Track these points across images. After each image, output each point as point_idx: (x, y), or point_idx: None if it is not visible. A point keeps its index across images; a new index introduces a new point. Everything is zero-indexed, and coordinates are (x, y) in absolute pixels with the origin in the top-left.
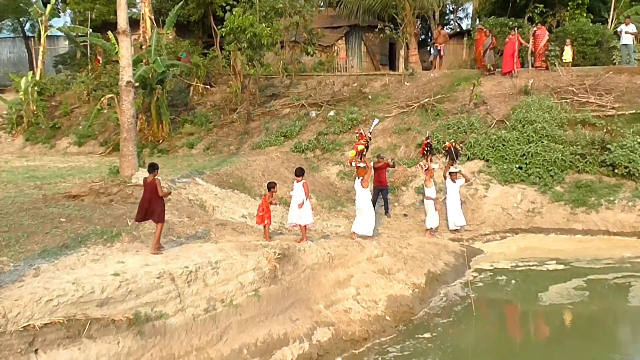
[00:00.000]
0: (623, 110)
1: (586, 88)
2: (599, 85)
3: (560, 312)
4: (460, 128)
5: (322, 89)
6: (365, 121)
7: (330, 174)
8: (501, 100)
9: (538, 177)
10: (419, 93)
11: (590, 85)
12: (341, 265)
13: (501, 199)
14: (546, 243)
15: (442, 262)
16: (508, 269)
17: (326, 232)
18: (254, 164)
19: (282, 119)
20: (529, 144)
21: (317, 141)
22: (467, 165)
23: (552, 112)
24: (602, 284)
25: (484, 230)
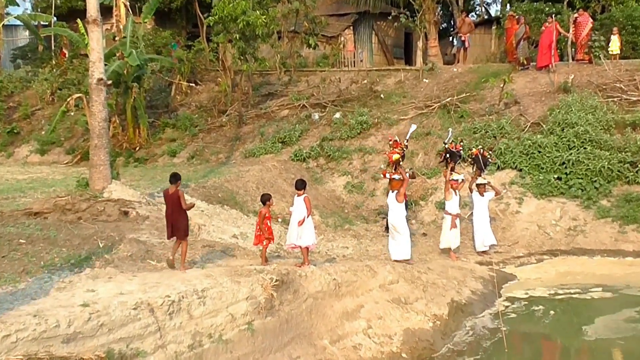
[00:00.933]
0: None
1: (637, 84)
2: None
3: (609, 349)
4: (488, 132)
5: (327, 87)
6: (376, 124)
7: (337, 187)
8: (536, 99)
9: (580, 190)
10: (439, 91)
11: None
12: (349, 293)
13: (537, 215)
14: (591, 267)
15: (468, 289)
16: (546, 298)
17: (332, 254)
18: (246, 175)
19: (280, 122)
20: (570, 150)
21: (320, 148)
22: (496, 176)
23: (597, 113)
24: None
25: (516, 252)
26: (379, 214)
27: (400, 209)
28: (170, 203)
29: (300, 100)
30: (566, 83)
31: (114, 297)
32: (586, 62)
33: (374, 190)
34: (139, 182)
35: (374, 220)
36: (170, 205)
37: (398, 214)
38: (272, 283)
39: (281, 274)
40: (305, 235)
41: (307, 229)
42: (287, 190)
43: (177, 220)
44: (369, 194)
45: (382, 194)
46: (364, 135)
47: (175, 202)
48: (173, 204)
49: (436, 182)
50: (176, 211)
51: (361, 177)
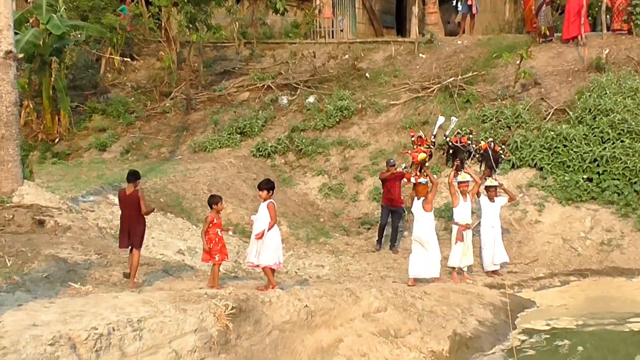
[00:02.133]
0: None
1: None
2: None
3: None
4: (501, 121)
5: (298, 64)
6: (360, 111)
7: (310, 190)
8: (562, 79)
9: (616, 194)
10: (440, 69)
11: None
12: (325, 324)
13: (562, 225)
14: (629, 291)
15: (475, 319)
16: (573, 330)
17: (303, 275)
18: (196, 175)
19: (239, 107)
20: (603, 144)
21: (289, 141)
22: (511, 176)
23: (638, 98)
24: None
25: (536, 272)
26: (363, 223)
27: (429, 220)
28: (128, 206)
29: (264, 80)
30: (599, 59)
31: (24, 330)
32: (625, 33)
33: (356, 194)
34: (59, 184)
35: (357, 231)
36: (127, 209)
37: (426, 226)
38: (228, 311)
39: (239, 299)
40: (266, 252)
41: (268, 244)
42: (248, 194)
43: (135, 227)
44: (351, 198)
45: (368, 199)
46: (345, 125)
47: (134, 205)
48: (131, 206)
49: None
50: (134, 216)
51: (341, 178)
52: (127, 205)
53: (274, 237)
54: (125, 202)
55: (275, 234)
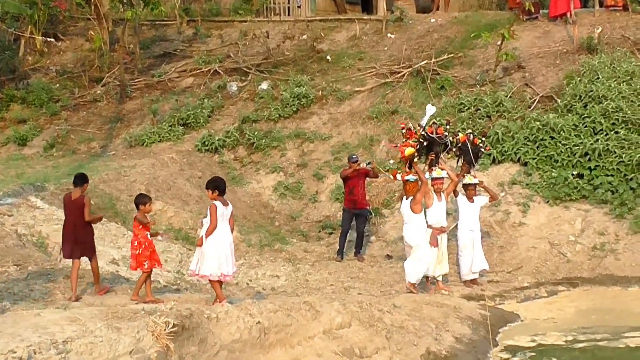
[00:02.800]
0: None
1: None
2: None
3: None
4: (480, 110)
5: (249, 45)
6: (321, 99)
7: (263, 189)
8: (548, 62)
9: (610, 192)
10: (411, 51)
11: None
12: (281, 343)
13: (549, 228)
14: (625, 302)
15: (451, 335)
16: (562, 347)
17: (256, 286)
18: (132, 173)
19: (181, 95)
20: (595, 135)
21: (239, 133)
22: (491, 172)
23: (635, 83)
24: None
25: (520, 281)
26: (323, 227)
27: (418, 222)
28: (73, 212)
29: (210, 64)
30: (591, 39)
31: None
32: (619, 9)
33: (316, 194)
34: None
35: (317, 236)
36: (72, 215)
37: (414, 229)
38: (168, 329)
39: (181, 316)
40: (206, 261)
41: (207, 252)
42: (192, 195)
43: (82, 235)
44: (310, 199)
45: (329, 199)
46: (303, 115)
47: (80, 211)
48: (77, 213)
49: None
50: (80, 223)
51: (299, 175)
52: (72, 211)
53: (213, 244)
54: (70, 208)
55: (216, 240)
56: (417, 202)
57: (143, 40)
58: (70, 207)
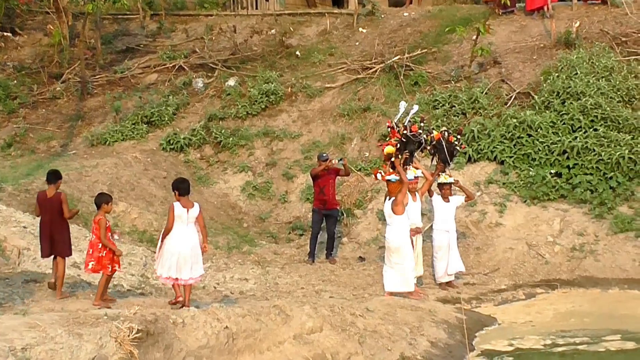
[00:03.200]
0: None
1: None
2: None
3: None
4: (455, 107)
5: (215, 40)
6: (290, 96)
7: (231, 189)
8: (525, 58)
9: (589, 191)
10: (383, 46)
11: None
12: (250, 348)
13: (526, 228)
14: (605, 304)
15: (426, 339)
16: (540, 351)
17: (223, 290)
18: (94, 173)
19: (145, 92)
20: (574, 133)
21: (206, 131)
22: (467, 171)
23: (614, 78)
24: None
25: (497, 284)
26: (294, 229)
27: (399, 223)
28: (49, 210)
29: (175, 60)
30: (569, 33)
31: None
32: (598, 2)
33: (286, 194)
34: None
35: (287, 238)
36: (48, 213)
37: (395, 231)
38: (132, 335)
39: (146, 321)
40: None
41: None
42: (156, 195)
43: (59, 232)
44: (279, 199)
45: (299, 199)
46: (272, 112)
47: (56, 209)
48: (52, 211)
49: (378, 181)
50: (57, 220)
51: (267, 175)
52: (48, 209)
53: (165, 246)
54: (46, 206)
55: (171, 242)
56: (398, 203)
57: (105, 35)
58: (46, 205)
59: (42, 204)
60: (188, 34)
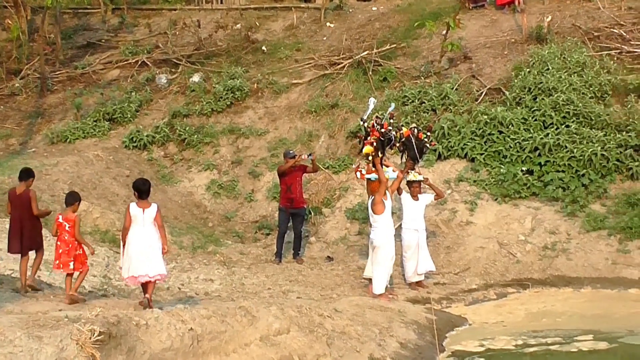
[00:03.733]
0: None
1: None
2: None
3: None
4: (425, 103)
5: (179, 35)
6: (256, 92)
7: (195, 188)
8: (496, 53)
9: (561, 188)
10: (351, 41)
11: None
12: (215, 350)
13: (498, 227)
14: (577, 304)
15: (396, 340)
16: (511, 351)
17: (188, 291)
18: (54, 172)
19: (107, 88)
20: (545, 129)
21: (170, 129)
22: (437, 169)
23: (586, 74)
24: None
25: (467, 283)
26: (260, 228)
27: (382, 222)
28: (18, 206)
29: (137, 55)
30: (540, 28)
31: None
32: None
33: (252, 193)
34: None
35: (253, 238)
36: (17, 210)
37: (379, 230)
38: (94, 338)
39: (108, 323)
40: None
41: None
42: (119, 194)
43: (30, 229)
44: (245, 198)
45: (266, 198)
46: (238, 109)
47: (25, 206)
48: (22, 207)
49: (347, 179)
50: (27, 217)
51: (233, 173)
52: (17, 206)
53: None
54: (15, 203)
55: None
56: (377, 203)
57: (65, 30)
58: (15, 202)
59: (13, 200)
60: (151, 28)
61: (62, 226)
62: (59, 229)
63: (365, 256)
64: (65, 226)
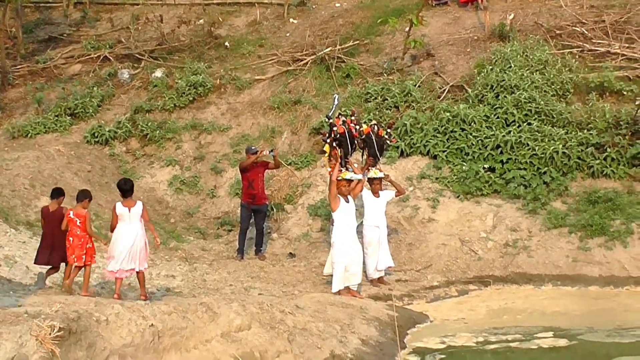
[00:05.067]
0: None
1: (606, 28)
2: (628, 23)
3: None
4: (387, 100)
5: (142, 30)
6: (219, 88)
7: (157, 184)
8: (459, 50)
9: (523, 186)
10: (314, 38)
11: (613, 24)
12: (176, 347)
13: (459, 224)
14: (538, 301)
15: (357, 337)
16: (472, 348)
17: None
18: (15, 167)
19: (68, 83)
20: (507, 127)
21: (132, 124)
22: (399, 166)
23: (548, 72)
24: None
25: (429, 280)
26: (222, 224)
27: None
28: (51, 222)
29: (99, 50)
30: (503, 26)
31: None
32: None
33: (214, 189)
34: None
35: (215, 234)
36: (50, 225)
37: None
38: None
39: (68, 319)
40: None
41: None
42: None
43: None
44: (208, 194)
45: (228, 194)
46: (200, 104)
47: (57, 222)
48: (53, 223)
49: (309, 176)
50: (58, 233)
51: (195, 169)
52: (49, 221)
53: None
54: (48, 219)
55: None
56: (332, 198)
57: (26, 24)
58: (48, 218)
59: (45, 216)
60: (113, 23)
61: (73, 221)
62: (70, 224)
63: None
64: (76, 221)
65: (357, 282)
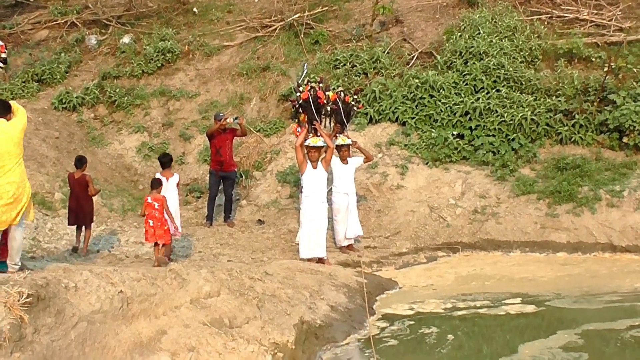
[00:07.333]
0: (638, 34)
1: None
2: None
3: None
4: (356, 66)
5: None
6: (187, 54)
7: (126, 150)
8: (427, 16)
9: (492, 153)
10: (283, 4)
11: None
12: (145, 313)
13: (428, 191)
14: (506, 268)
15: (326, 304)
16: (441, 315)
17: (118, 254)
18: None
19: (35, 48)
20: (476, 94)
21: (100, 90)
22: (368, 132)
23: (516, 38)
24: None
25: (398, 247)
26: (191, 191)
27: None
28: (76, 188)
29: (67, 16)
30: None
31: None
32: None
33: (183, 156)
34: None
35: (184, 200)
36: (75, 191)
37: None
38: (22, 300)
39: (36, 285)
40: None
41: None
42: (48, 156)
43: (84, 207)
44: (176, 160)
45: (197, 161)
46: (168, 71)
47: (82, 187)
48: (79, 189)
49: (278, 142)
50: (82, 197)
51: (164, 136)
52: (76, 187)
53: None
54: (73, 185)
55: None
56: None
57: None
58: (74, 185)
59: (71, 183)
60: None
61: (152, 205)
62: (148, 209)
63: (296, 220)
64: (154, 205)
65: (321, 254)
